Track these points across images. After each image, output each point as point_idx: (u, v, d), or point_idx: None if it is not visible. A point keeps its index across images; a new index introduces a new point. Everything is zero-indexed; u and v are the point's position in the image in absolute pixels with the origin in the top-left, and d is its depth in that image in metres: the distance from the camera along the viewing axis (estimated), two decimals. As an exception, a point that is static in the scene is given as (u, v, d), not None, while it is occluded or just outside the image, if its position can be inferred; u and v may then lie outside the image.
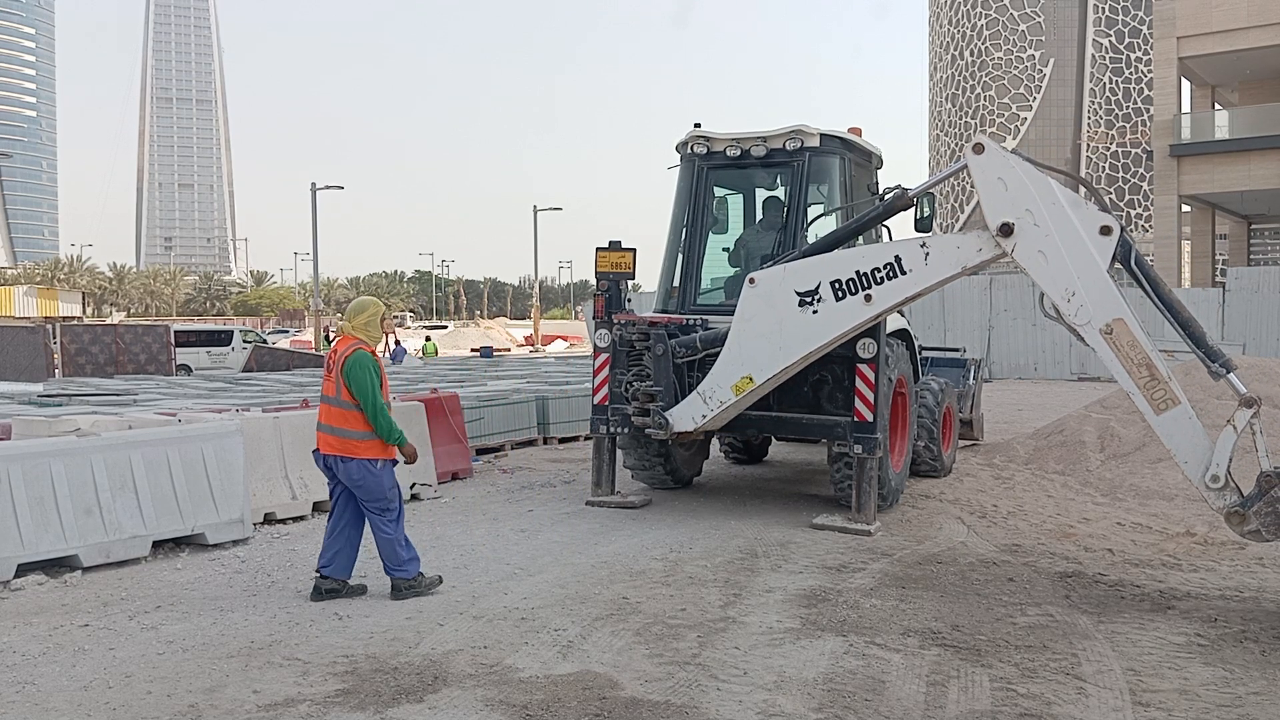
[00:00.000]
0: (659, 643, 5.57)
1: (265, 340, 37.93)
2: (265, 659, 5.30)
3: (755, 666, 5.22)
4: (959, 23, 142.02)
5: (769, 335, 8.03)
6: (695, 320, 9.29)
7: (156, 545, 7.46)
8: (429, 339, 44.69)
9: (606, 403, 9.27)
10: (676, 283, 9.78)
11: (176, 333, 31.95)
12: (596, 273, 9.30)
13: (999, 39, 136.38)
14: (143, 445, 7.52)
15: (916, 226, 8.03)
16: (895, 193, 7.97)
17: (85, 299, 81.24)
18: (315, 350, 37.10)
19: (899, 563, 7.43)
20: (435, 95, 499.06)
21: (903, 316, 9.72)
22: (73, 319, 56.61)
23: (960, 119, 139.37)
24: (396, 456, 6.48)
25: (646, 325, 8.79)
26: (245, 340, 33.58)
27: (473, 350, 46.73)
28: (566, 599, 6.41)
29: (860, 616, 6.08)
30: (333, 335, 42.01)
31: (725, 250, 9.97)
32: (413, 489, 9.77)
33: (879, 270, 7.58)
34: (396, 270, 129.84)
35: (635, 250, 9.19)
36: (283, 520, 8.68)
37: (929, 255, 7.47)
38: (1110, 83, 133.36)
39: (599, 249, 9.27)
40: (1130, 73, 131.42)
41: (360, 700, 4.75)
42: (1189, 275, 38.80)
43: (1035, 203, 6.88)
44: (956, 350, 14.44)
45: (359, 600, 6.40)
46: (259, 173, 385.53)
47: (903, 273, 7.52)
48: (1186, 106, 35.79)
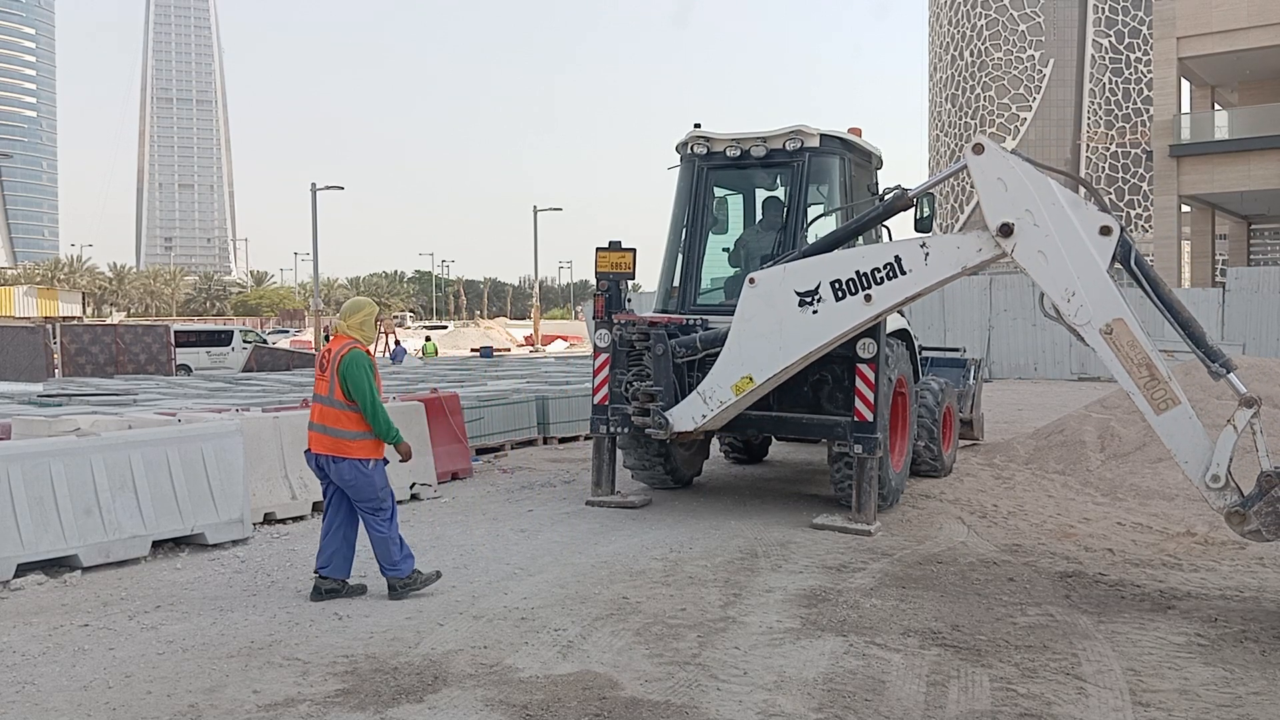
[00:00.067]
0: (659, 643, 5.57)
1: (265, 340, 37.92)
2: (265, 659, 5.30)
3: (755, 666, 5.22)
4: (959, 23, 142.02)
5: (769, 335, 8.03)
6: (695, 320, 9.29)
7: (156, 545, 7.46)
8: (429, 339, 44.72)
9: (606, 403, 9.28)
10: (676, 283, 9.78)
11: (176, 333, 31.95)
12: (596, 273, 9.30)
13: (999, 39, 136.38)
14: (143, 445, 7.53)
15: (916, 227, 8.03)
16: (895, 193, 7.98)
17: (85, 299, 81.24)
18: (315, 350, 37.08)
19: (899, 563, 7.43)
20: (435, 95, 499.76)
21: (903, 316, 9.72)
22: (73, 319, 56.60)
23: (960, 119, 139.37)
24: (387, 455, 6.49)
25: (646, 325, 8.79)
26: (245, 340, 33.58)
27: (473, 350, 46.70)
28: (566, 599, 6.41)
29: (860, 616, 6.08)
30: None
31: (725, 250, 9.97)
32: (413, 489, 9.78)
33: (879, 270, 7.58)
34: (396, 270, 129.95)
35: (635, 250, 9.20)
36: (282, 520, 8.69)
37: (929, 255, 7.47)
38: (1110, 83, 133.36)
39: (599, 249, 9.27)
40: (1130, 73, 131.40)
41: (360, 700, 4.75)
42: (1189, 275, 38.80)
43: (1035, 203, 6.88)
44: (956, 350, 14.44)
45: (359, 600, 6.41)
46: (259, 173, 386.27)
47: (903, 273, 7.52)
48: (1186, 107, 35.79)
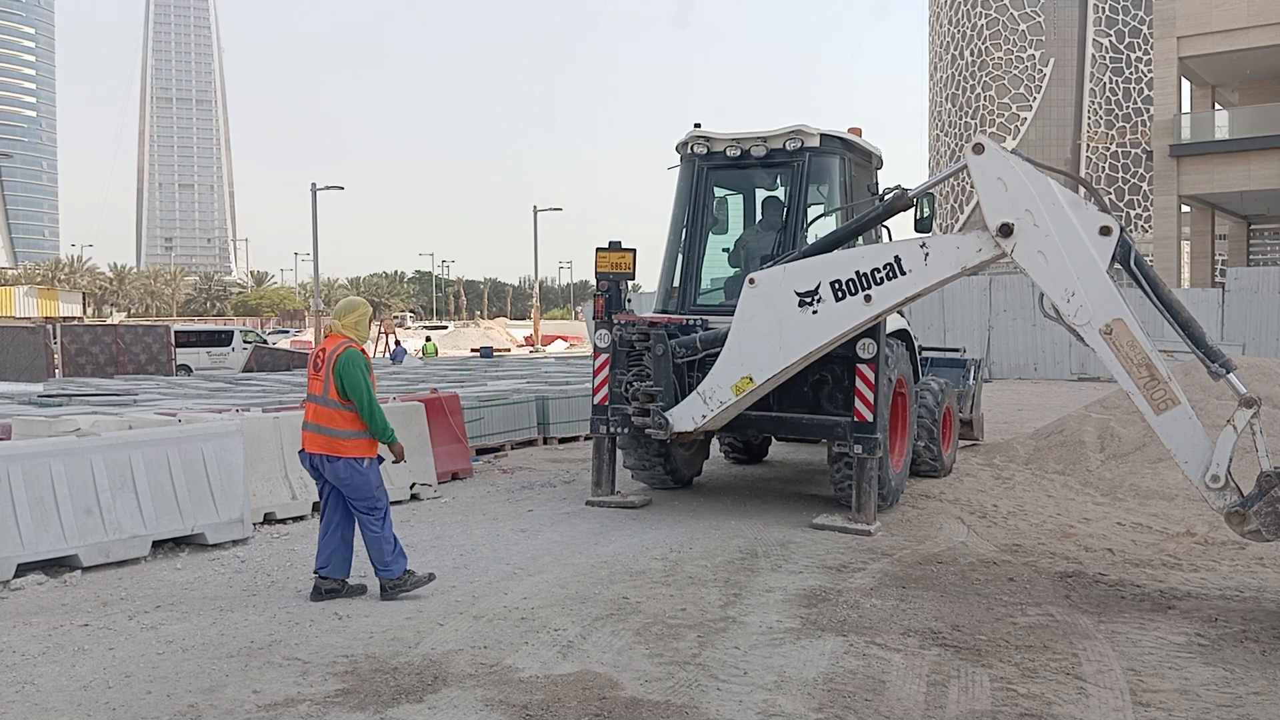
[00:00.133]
0: (659, 643, 5.57)
1: (265, 340, 37.91)
2: (265, 659, 5.30)
3: (755, 666, 5.22)
4: (959, 23, 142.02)
5: (769, 335, 8.03)
6: (695, 320, 9.29)
7: (156, 545, 7.46)
8: (429, 339, 44.73)
9: (606, 403, 9.28)
10: (676, 283, 9.78)
11: (177, 333, 31.94)
12: (596, 273, 9.30)
13: (999, 39, 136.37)
14: (143, 445, 7.53)
15: (916, 227, 8.03)
16: (895, 193, 7.98)
17: (85, 299, 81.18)
18: (316, 350, 37.01)
19: (899, 563, 7.43)
20: (435, 95, 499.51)
21: (903, 316, 9.72)
22: (73, 319, 56.58)
23: (960, 119, 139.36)
24: (381, 454, 6.49)
25: (646, 325, 8.79)
26: (245, 340, 33.58)
27: (473, 350, 46.70)
28: (566, 599, 6.41)
29: (860, 616, 6.08)
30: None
31: (725, 250, 9.97)
32: (413, 489, 9.78)
33: (879, 270, 7.58)
34: (397, 270, 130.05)
35: (635, 250, 9.20)
36: (282, 520, 8.69)
37: (929, 255, 7.47)
38: (1110, 83, 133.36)
39: (599, 249, 9.27)
40: (1130, 73, 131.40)
41: (360, 700, 4.75)
42: (1189, 275, 38.79)
43: (1035, 203, 6.88)
44: (956, 350, 14.45)
45: (359, 600, 6.41)
46: (259, 173, 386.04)
47: (902, 273, 7.52)
48: (1186, 106, 35.79)
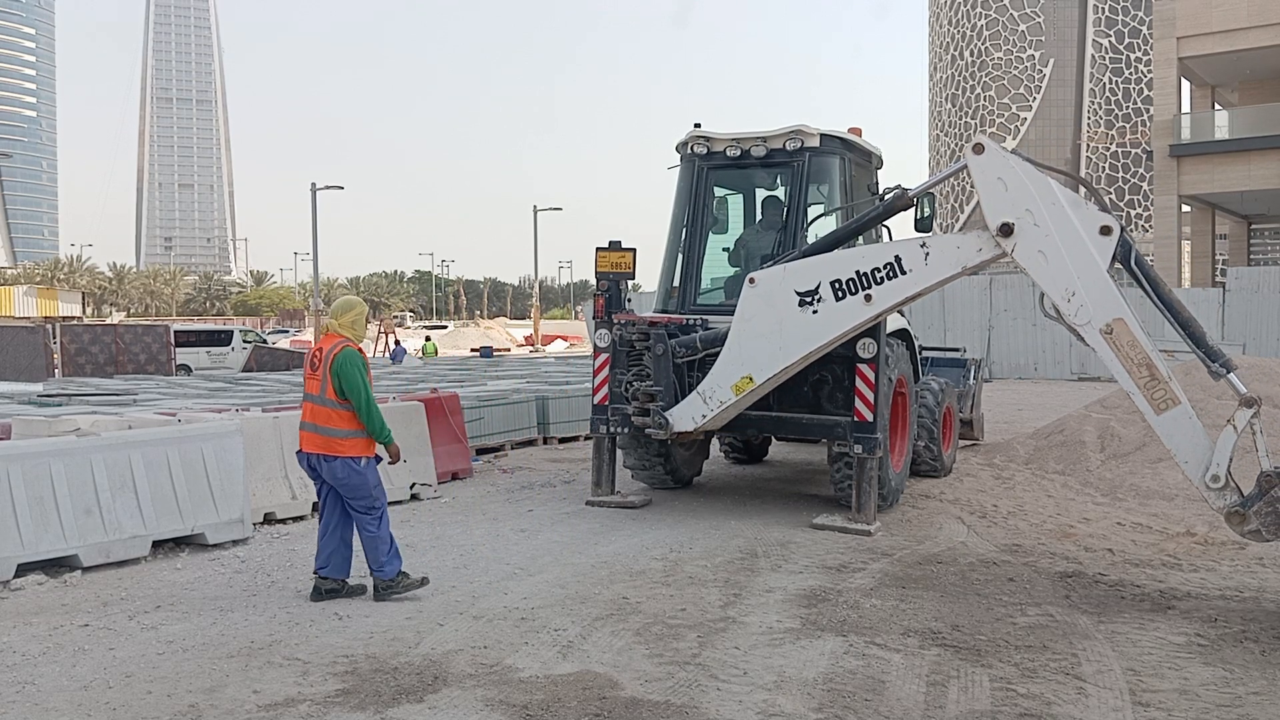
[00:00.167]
0: (659, 643, 5.57)
1: (265, 340, 37.91)
2: (265, 659, 5.30)
3: (755, 666, 5.22)
4: (959, 23, 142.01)
5: (769, 335, 8.03)
6: (695, 320, 9.29)
7: (156, 545, 7.46)
8: (429, 339, 44.77)
9: (606, 403, 9.28)
10: (676, 283, 9.79)
11: (176, 333, 31.94)
12: (596, 273, 9.30)
13: (999, 39, 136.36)
14: (143, 445, 7.53)
15: (916, 226, 8.03)
16: (895, 193, 7.97)
17: (85, 299, 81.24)
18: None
19: (899, 563, 7.43)
20: (435, 95, 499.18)
21: (903, 316, 9.72)
22: (73, 319, 56.59)
23: (960, 119, 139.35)
24: (379, 453, 6.48)
25: (646, 325, 8.79)
26: (245, 340, 33.57)
27: (473, 350, 46.71)
28: (566, 599, 6.41)
29: (860, 616, 6.08)
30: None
31: (725, 250, 9.97)
32: (413, 489, 9.78)
33: (879, 270, 7.58)
34: (396, 270, 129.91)
35: (635, 250, 9.20)
36: (283, 520, 8.68)
37: (929, 255, 7.47)
38: (1110, 83, 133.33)
39: (599, 249, 9.27)
40: (1130, 73, 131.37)
41: (360, 700, 4.75)
42: (1189, 275, 38.80)
43: (1035, 203, 6.88)
44: (956, 350, 14.45)
45: (359, 600, 6.40)
46: (259, 173, 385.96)
47: (903, 273, 7.52)
48: (1186, 106, 35.79)
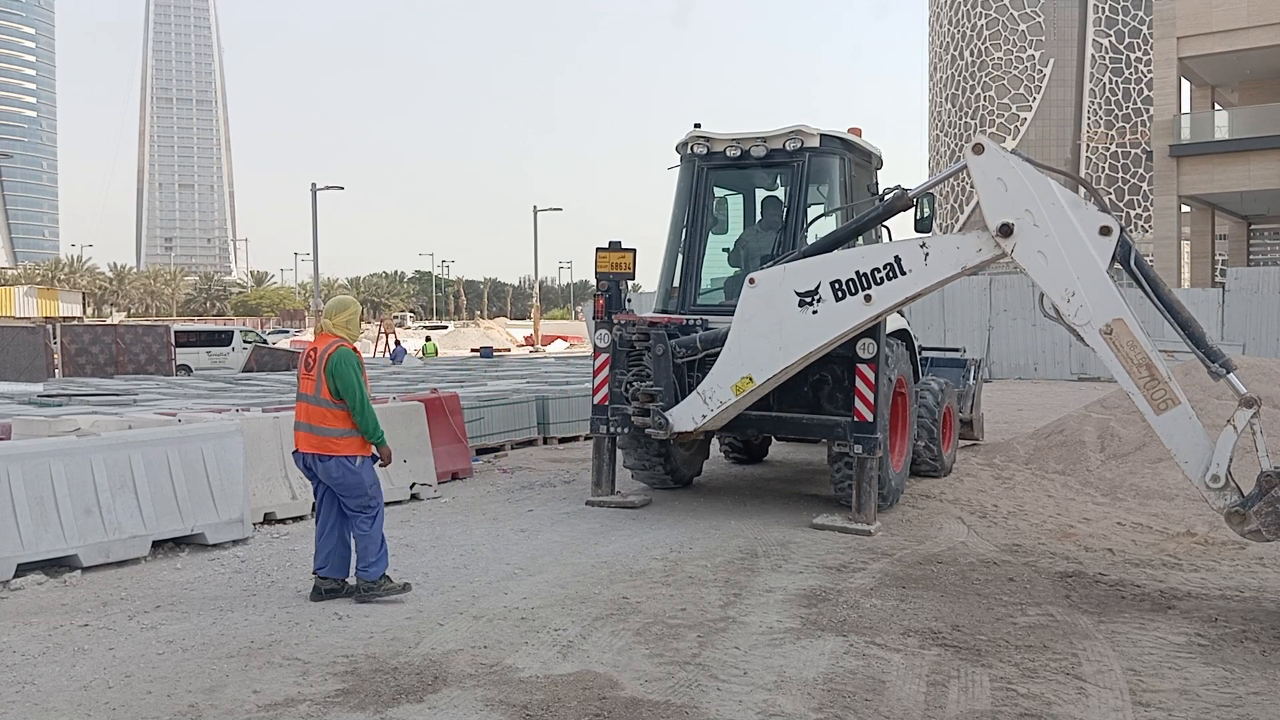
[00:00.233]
0: (659, 643, 5.57)
1: (265, 340, 37.91)
2: (265, 659, 5.30)
3: (755, 666, 5.22)
4: (959, 23, 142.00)
5: (769, 335, 8.03)
6: (695, 320, 9.29)
7: (156, 545, 7.46)
8: (429, 339, 44.74)
9: (606, 403, 9.28)
10: (676, 283, 9.79)
11: (177, 333, 31.93)
12: (596, 273, 9.30)
13: (999, 39, 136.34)
14: (143, 445, 7.53)
15: (916, 227, 8.03)
16: (895, 193, 7.98)
17: (85, 299, 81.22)
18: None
19: (899, 563, 7.43)
20: (435, 95, 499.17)
21: (903, 316, 9.72)
22: (73, 319, 56.58)
23: (960, 119, 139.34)
24: (374, 453, 6.48)
25: (646, 325, 8.79)
26: (245, 340, 33.57)
27: (473, 350, 46.72)
28: (566, 599, 6.41)
29: (860, 616, 6.08)
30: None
31: (725, 250, 9.97)
32: (413, 489, 9.78)
33: (879, 270, 7.58)
34: (397, 270, 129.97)
35: (635, 250, 9.20)
36: (282, 520, 8.69)
37: (929, 255, 7.47)
38: (1110, 83, 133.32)
39: (599, 249, 9.28)
40: (1130, 73, 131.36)
41: (360, 700, 4.75)
42: (1189, 275, 38.80)
43: (1035, 203, 6.88)
44: (956, 350, 14.45)
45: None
46: (259, 173, 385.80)
47: (902, 273, 7.52)
48: (1186, 106, 35.79)
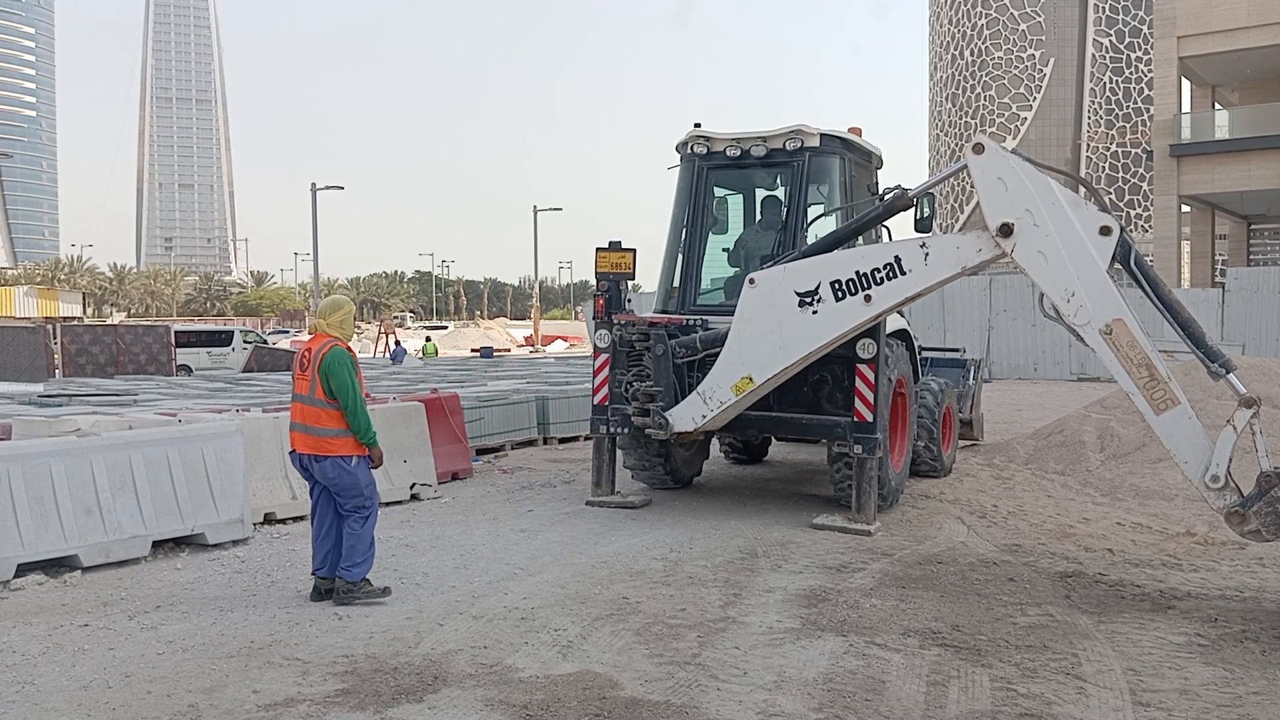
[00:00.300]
0: (659, 643, 5.57)
1: (265, 341, 37.89)
2: (265, 659, 5.30)
3: (755, 666, 5.22)
4: (959, 23, 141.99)
5: (769, 335, 8.03)
6: (695, 320, 9.30)
7: (156, 545, 7.46)
8: (429, 339, 44.74)
9: (606, 403, 9.28)
10: (676, 283, 9.79)
11: (177, 333, 31.91)
12: (596, 273, 9.30)
13: (999, 39, 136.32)
14: (143, 445, 7.53)
15: (916, 227, 8.03)
16: (895, 193, 7.98)
17: (85, 299, 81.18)
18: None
19: (899, 563, 7.43)
20: (435, 95, 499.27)
21: (903, 316, 9.72)
22: (73, 319, 56.57)
23: (960, 119, 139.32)
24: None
25: (646, 325, 8.79)
26: (245, 341, 33.56)
27: (473, 350, 46.72)
28: (566, 599, 6.41)
29: (860, 616, 6.08)
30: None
31: (725, 250, 9.97)
32: (413, 489, 9.78)
33: (879, 271, 7.58)
34: (396, 270, 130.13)
35: (635, 250, 9.20)
36: (283, 520, 8.69)
37: (929, 255, 7.47)
38: (1110, 83, 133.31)
39: (599, 249, 9.28)
40: (1130, 73, 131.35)
41: (360, 700, 4.75)
42: (1189, 275, 38.80)
43: (1035, 203, 6.88)
44: (956, 350, 14.45)
45: (359, 600, 6.40)
46: (259, 173, 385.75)
47: (902, 273, 7.52)
48: (1186, 106, 35.80)
